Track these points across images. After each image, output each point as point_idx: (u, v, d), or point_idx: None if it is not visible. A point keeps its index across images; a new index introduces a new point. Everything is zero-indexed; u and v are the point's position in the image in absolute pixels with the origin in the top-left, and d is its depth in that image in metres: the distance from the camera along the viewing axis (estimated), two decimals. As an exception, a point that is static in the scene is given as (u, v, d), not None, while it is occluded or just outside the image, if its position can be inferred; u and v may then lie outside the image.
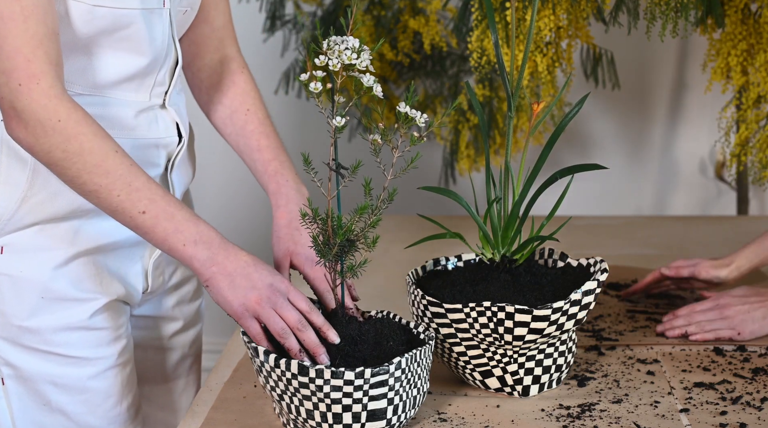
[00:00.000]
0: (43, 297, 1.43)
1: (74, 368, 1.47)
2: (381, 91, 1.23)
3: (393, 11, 2.43)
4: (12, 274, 1.43)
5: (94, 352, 1.47)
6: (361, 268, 1.31)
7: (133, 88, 1.45)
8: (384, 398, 1.24)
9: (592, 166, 1.39)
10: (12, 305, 1.43)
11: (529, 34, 1.40)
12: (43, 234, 1.43)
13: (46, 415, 1.47)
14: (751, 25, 2.03)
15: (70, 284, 1.45)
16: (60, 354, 1.45)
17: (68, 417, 1.48)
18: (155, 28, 1.43)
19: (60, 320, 1.44)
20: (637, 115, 2.72)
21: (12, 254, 1.43)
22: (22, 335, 1.44)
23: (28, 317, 1.43)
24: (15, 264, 1.43)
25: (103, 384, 1.49)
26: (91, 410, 1.49)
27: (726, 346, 1.55)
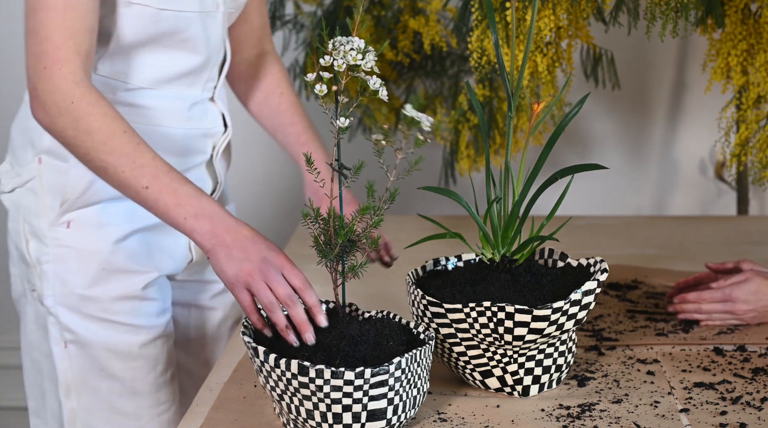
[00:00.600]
0: (104, 268, 1.59)
1: (129, 335, 1.61)
2: (386, 94, 1.23)
3: (393, 11, 2.43)
4: (77, 247, 1.58)
5: (146, 321, 1.63)
6: (362, 269, 1.31)
7: (188, 83, 1.61)
8: (384, 398, 1.24)
9: (592, 166, 1.39)
10: (75, 275, 1.58)
11: (529, 34, 1.40)
12: (106, 211, 1.58)
13: (101, 380, 1.61)
14: (751, 25, 2.03)
15: (127, 258, 1.60)
16: (116, 322, 1.60)
17: (121, 383, 1.62)
18: (210, 30, 1.59)
19: (117, 290, 1.59)
20: (637, 115, 2.72)
21: (77, 229, 1.58)
22: (83, 303, 1.59)
23: (89, 286, 1.58)
24: (80, 237, 1.58)
25: (152, 351, 1.64)
26: (142, 376, 1.63)
27: (726, 346, 1.55)
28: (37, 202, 1.59)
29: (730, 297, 1.61)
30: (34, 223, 1.59)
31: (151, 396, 1.65)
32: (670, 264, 1.95)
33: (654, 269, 1.91)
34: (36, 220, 1.59)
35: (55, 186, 1.57)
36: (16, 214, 1.62)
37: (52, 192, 1.58)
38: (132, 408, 1.63)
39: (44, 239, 1.58)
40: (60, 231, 1.58)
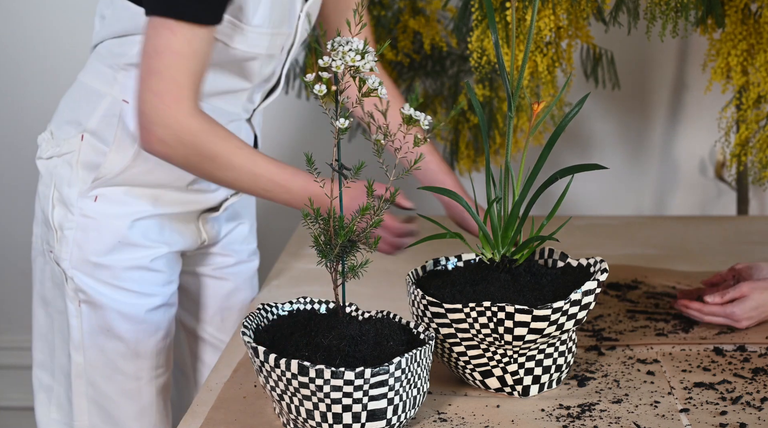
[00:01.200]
0: (120, 241, 1.72)
1: (136, 300, 1.74)
2: (386, 92, 1.23)
3: (393, 11, 2.43)
4: (99, 219, 1.71)
5: (152, 289, 1.76)
6: (362, 269, 1.31)
7: (229, 102, 1.73)
8: (384, 398, 1.24)
9: (592, 166, 1.39)
10: (92, 244, 1.71)
11: (529, 34, 1.40)
12: (131, 193, 1.72)
13: (107, 340, 1.74)
14: (751, 25, 2.03)
15: (141, 234, 1.73)
16: (126, 289, 1.73)
17: (125, 344, 1.74)
18: (268, 67, 1.71)
19: (128, 261, 1.73)
20: (637, 115, 2.72)
21: (103, 203, 1.71)
22: (96, 269, 1.72)
23: (103, 255, 1.71)
24: (104, 211, 1.71)
25: (156, 317, 1.77)
26: (145, 339, 1.76)
27: (726, 346, 1.55)
28: (71, 174, 1.71)
29: (732, 315, 1.61)
30: (64, 192, 1.71)
31: (151, 359, 1.77)
32: (670, 264, 1.95)
33: (654, 269, 1.91)
34: (67, 189, 1.71)
35: (91, 163, 1.69)
36: (48, 179, 1.74)
37: (88, 168, 1.70)
38: (133, 369, 1.76)
39: (71, 208, 1.71)
40: (87, 203, 1.70)
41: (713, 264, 1.94)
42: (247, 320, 1.35)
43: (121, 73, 1.67)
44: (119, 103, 1.68)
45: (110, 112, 1.68)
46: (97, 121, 1.69)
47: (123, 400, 1.76)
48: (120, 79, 1.67)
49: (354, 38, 1.23)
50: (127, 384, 1.76)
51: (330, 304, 1.40)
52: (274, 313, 1.39)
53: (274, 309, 1.39)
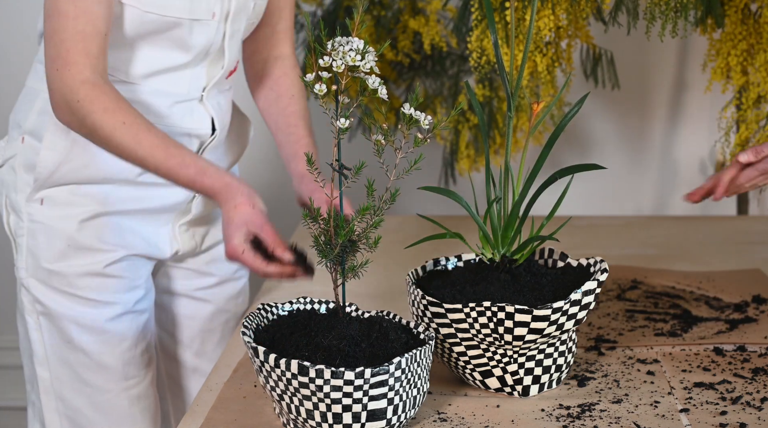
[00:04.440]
0: (69, 245, 1.64)
1: (93, 309, 1.66)
2: (386, 93, 1.23)
3: (393, 11, 2.43)
4: (45, 223, 1.64)
5: (112, 297, 1.67)
6: (362, 269, 1.31)
7: (171, 81, 1.62)
8: (384, 398, 1.24)
9: (592, 166, 1.39)
10: (43, 249, 1.65)
11: (528, 34, 1.40)
12: (76, 192, 1.64)
13: (70, 352, 1.67)
14: (751, 25, 2.04)
15: (94, 236, 1.65)
16: (82, 297, 1.66)
17: (88, 356, 1.67)
18: (200, 34, 1.60)
19: (82, 267, 1.65)
20: (637, 115, 2.72)
21: (49, 206, 1.64)
22: (50, 277, 1.65)
23: (55, 261, 1.65)
24: (50, 214, 1.64)
25: (119, 326, 1.68)
26: (108, 350, 1.68)
27: (726, 346, 1.55)
28: (16, 179, 1.66)
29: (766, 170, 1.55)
30: (12, 198, 1.67)
31: (118, 371, 1.69)
32: (670, 264, 1.95)
33: (654, 269, 1.91)
34: (14, 195, 1.66)
35: (30, 164, 1.64)
36: (1, 187, 1.70)
37: (27, 170, 1.64)
38: (100, 381, 1.69)
39: (20, 214, 1.66)
40: (34, 207, 1.64)
41: (713, 264, 1.94)
42: (247, 320, 1.35)
43: None
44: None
45: (44, 109, 1.61)
46: (34, 119, 1.64)
47: (94, 414, 1.70)
48: None
49: (354, 38, 1.23)
50: (96, 397, 1.69)
51: (330, 304, 1.40)
52: (274, 313, 1.39)
53: (274, 309, 1.39)
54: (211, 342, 1.85)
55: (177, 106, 1.64)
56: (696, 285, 1.82)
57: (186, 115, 1.65)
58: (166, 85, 1.62)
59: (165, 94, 1.62)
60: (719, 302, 1.74)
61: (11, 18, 2.75)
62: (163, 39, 1.58)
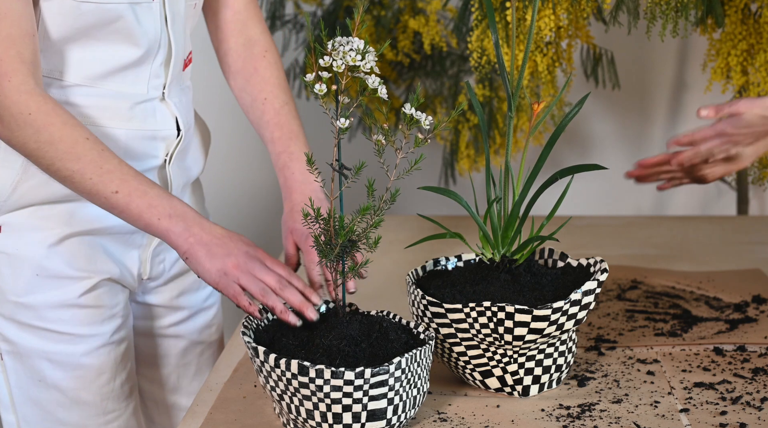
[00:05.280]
0: (38, 274, 1.49)
1: (67, 345, 1.52)
2: (386, 92, 1.23)
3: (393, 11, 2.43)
4: (9, 252, 1.49)
5: (87, 329, 1.53)
6: (363, 269, 1.31)
7: (129, 81, 1.49)
8: (384, 398, 1.24)
9: (592, 166, 1.39)
10: (9, 282, 1.49)
11: (529, 34, 1.40)
12: (39, 214, 1.49)
13: (41, 391, 1.53)
14: (751, 25, 2.04)
15: (64, 262, 1.50)
16: (54, 331, 1.51)
17: (62, 393, 1.53)
18: (146, 21, 1.46)
19: (54, 297, 1.50)
20: (637, 115, 2.72)
21: (9, 233, 1.49)
22: (19, 311, 1.50)
23: (24, 293, 1.49)
24: (12, 242, 1.49)
25: (96, 361, 1.54)
26: (85, 386, 1.54)
27: (726, 346, 1.55)
28: None
29: (723, 132, 1.52)
30: None
31: (96, 406, 1.56)
32: (670, 264, 1.95)
33: (654, 269, 1.91)
34: None
35: None
36: None
37: None
38: (76, 418, 1.56)
39: None
40: None
41: (713, 264, 1.94)
42: (247, 320, 1.35)
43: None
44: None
45: None
46: None
47: None
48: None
49: (354, 38, 1.23)
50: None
51: (330, 304, 1.40)
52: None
53: (274, 309, 1.39)
54: (186, 377, 1.73)
55: (138, 107, 1.51)
56: (696, 285, 1.82)
57: (149, 116, 1.52)
58: (125, 85, 1.49)
59: (124, 96, 1.49)
60: (719, 302, 1.74)
61: None
62: (110, 33, 1.44)
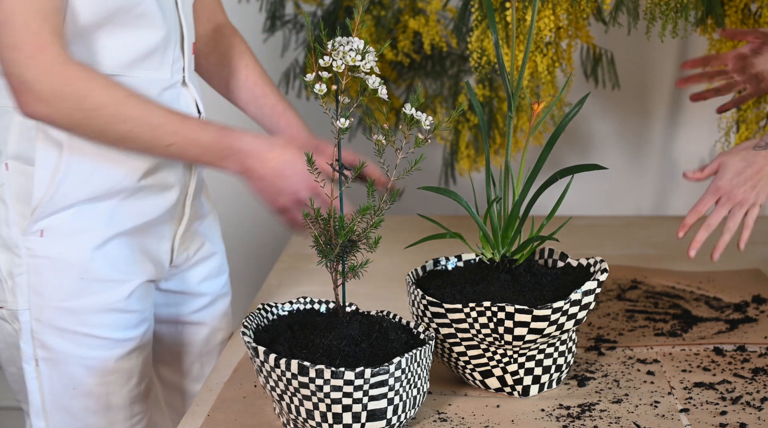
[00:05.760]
0: (83, 278, 1.50)
1: (104, 350, 1.54)
2: (386, 92, 1.23)
3: (393, 11, 2.43)
4: (52, 257, 1.50)
5: (123, 334, 1.56)
6: (362, 269, 1.31)
7: (154, 66, 1.52)
8: (384, 398, 1.24)
9: (592, 166, 1.39)
10: (52, 287, 1.50)
11: (529, 34, 1.40)
12: (81, 216, 1.50)
13: (73, 399, 1.54)
14: (751, 25, 2.03)
15: (108, 265, 1.52)
16: (94, 336, 1.53)
17: (95, 400, 1.55)
18: (164, 2, 1.50)
19: (97, 301, 1.52)
20: (637, 115, 2.71)
21: (51, 237, 1.49)
22: (61, 317, 1.51)
23: (67, 298, 1.50)
24: (55, 246, 1.50)
25: (128, 365, 1.57)
26: (116, 391, 1.57)
27: (726, 346, 1.55)
28: (7, 211, 1.51)
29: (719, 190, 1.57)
30: (3, 234, 1.51)
31: (125, 410, 1.59)
32: (670, 265, 1.95)
33: (654, 269, 1.91)
34: (6, 230, 1.51)
35: (24, 192, 1.50)
36: None
37: (22, 199, 1.50)
38: (104, 423, 1.57)
39: (16, 250, 1.51)
40: (33, 241, 1.50)
41: (713, 264, 1.94)
42: (247, 320, 1.35)
43: None
44: None
45: (24, 127, 1.49)
46: (16, 140, 1.49)
47: None
48: None
49: (354, 38, 1.23)
50: None
51: (330, 304, 1.40)
52: (274, 313, 1.39)
53: (274, 309, 1.39)
54: (209, 366, 1.76)
55: (165, 93, 1.53)
56: (696, 285, 1.82)
57: (174, 101, 1.55)
58: (151, 71, 1.51)
59: (152, 83, 1.51)
60: (719, 302, 1.74)
61: None
62: (134, 17, 1.46)
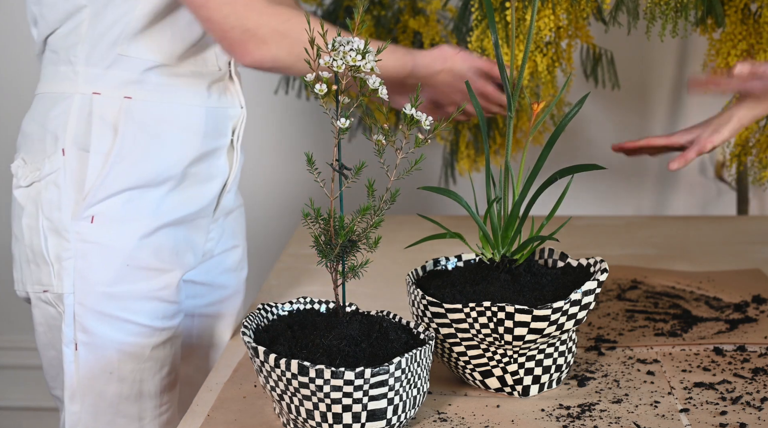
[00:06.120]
0: (128, 265, 1.56)
1: (143, 337, 1.59)
2: (386, 92, 1.23)
3: (393, 11, 2.43)
4: (100, 242, 1.55)
5: (161, 323, 1.61)
6: (362, 269, 1.31)
7: (205, 57, 1.61)
8: (384, 398, 1.24)
9: (592, 166, 1.39)
10: (97, 272, 1.55)
11: (529, 34, 1.40)
12: (130, 204, 1.56)
13: (107, 384, 1.58)
14: (751, 25, 2.04)
15: (152, 254, 1.58)
16: (134, 322, 1.58)
17: (128, 386, 1.60)
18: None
19: (140, 289, 1.57)
20: (637, 115, 2.72)
21: (101, 224, 1.55)
22: (104, 302, 1.56)
23: (112, 283, 1.56)
24: (104, 233, 1.55)
25: (162, 353, 1.62)
26: (149, 378, 1.62)
27: (726, 346, 1.55)
28: (60, 195, 1.55)
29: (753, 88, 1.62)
30: (54, 218, 1.55)
31: (155, 398, 1.63)
32: (670, 264, 1.96)
33: (654, 269, 1.91)
34: (57, 214, 1.55)
35: (79, 178, 1.55)
36: (33, 209, 1.57)
37: (76, 185, 1.55)
38: (135, 411, 1.62)
39: (65, 234, 1.55)
40: (83, 226, 1.55)
41: (713, 264, 1.94)
42: (247, 320, 1.35)
43: (80, 65, 1.55)
44: (89, 99, 1.55)
45: (82, 113, 1.54)
46: (74, 127, 1.54)
47: None
48: (82, 72, 1.55)
49: (355, 38, 1.23)
50: (129, 426, 1.62)
51: (330, 304, 1.40)
52: (274, 313, 1.39)
53: (274, 309, 1.39)
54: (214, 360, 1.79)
55: (214, 85, 1.63)
56: (696, 285, 1.82)
57: (222, 93, 1.65)
58: (202, 63, 1.61)
59: (203, 75, 1.61)
60: (719, 302, 1.74)
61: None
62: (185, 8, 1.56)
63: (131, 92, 1.56)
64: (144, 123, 1.56)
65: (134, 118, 1.56)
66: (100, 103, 1.54)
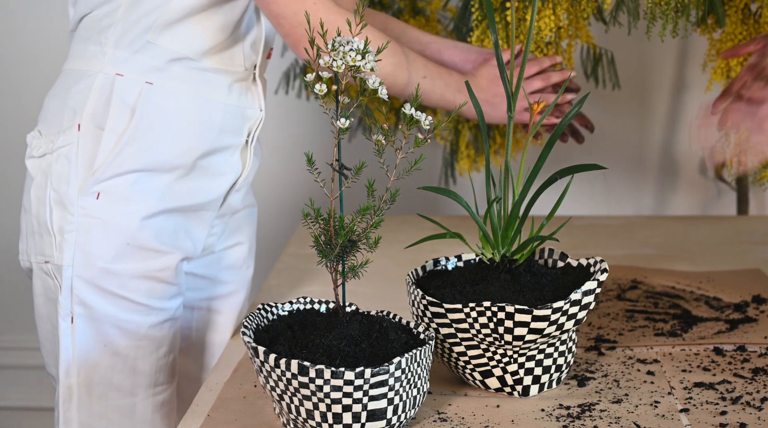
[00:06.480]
0: (129, 243, 1.58)
1: (139, 315, 1.61)
2: (386, 92, 1.23)
3: (393, 11, 2.43)
4: (103, 219, 1.57)
5: (159, 303, 1.63)
6: (362, 269, 1.31)
7: (231, 55, 1.64)
8: (384, 398, 1.24)
9: (592, 166, 1.39)
10: (100, 247, 1.57)
11: (529, 34, 1.40)
12: (137, 186, 1.58)
13: (102, 355, 1.61)
14: (751, 25, 2.04)
15: (153, 236, 1.60)
16: (131, 300, 1.60)
17: (123, 360, 1.62)
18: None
19: (138, 267, 1.59)
20: (637, 115, 2.72)
21: (107, 200, 1.57)
22: (103, 277, 1.58)
23: (112, 260, 1.58)
24: (108, 210, 1.57)
25: (159, 333, 1.64)
26: (144, 356, 1.63)
27: (726, 346, 1.55)
28: (69, 169, 1.57)
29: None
30: (62, 191, 1.58)
31: (149, 376, 1.64)
32: (670, 264, 1.96)
33: (654, 269, 1.91)
34: (65, 187, 1.57)
35: (90, 154, 1.57)
36: (42, 180, 1.59)
37: (87, 160, 1.57)
38: (128, 385, 1.63)
39: (71, 207, 1.57)
40: (88, 201, 1.57)
41: (713, 264, 1.94)
42: (247, 320, 1.35)
43: (109, 47, 1.58)
44: (111, 79, 1.58)
45: (103, 91, 1.57)
46: (93, 104, 1.58)
47: (116, 416, 1.63)
48: (109, 53, 1.58)
49: (355, 38, 1.23)
50: (120, 400, 1.63)
51: (330, 304, 1.40)
52: (274, 313, 1.39)
53: (274, 309, 1.39)
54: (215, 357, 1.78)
55: (236, 84, 1.65)
56: (696, 285, 1.82)
57: (243, 93, 1.67)
58: (227, 60, 1.64)
59: (227, 72, 1.64)
60: (719, 302, 1.74)
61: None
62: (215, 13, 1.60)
63: (153, 78, 1.58)
64: (161, 109, 1.59)
65: (152, 103, 1.58)
66: (121, 84, 1.57)
